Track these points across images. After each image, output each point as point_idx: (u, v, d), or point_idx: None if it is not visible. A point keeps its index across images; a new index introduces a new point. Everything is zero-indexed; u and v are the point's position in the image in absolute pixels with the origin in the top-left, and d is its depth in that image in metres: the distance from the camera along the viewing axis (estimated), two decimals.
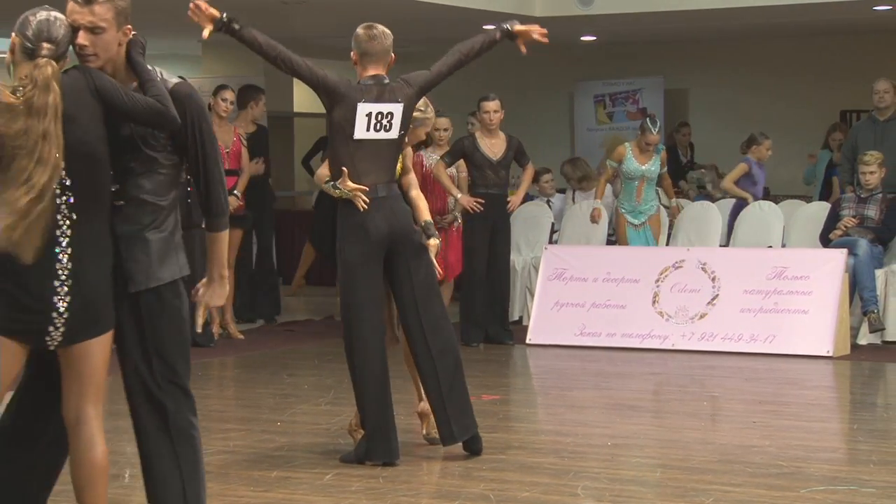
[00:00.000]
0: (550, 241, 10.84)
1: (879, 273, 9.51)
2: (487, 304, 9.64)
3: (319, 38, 14.81)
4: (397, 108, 5.63)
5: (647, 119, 10.32)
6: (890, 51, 13.98)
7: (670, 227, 10.73)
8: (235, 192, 9.62)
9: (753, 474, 5.49)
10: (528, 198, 12.11)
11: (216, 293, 4.14)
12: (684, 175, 13.45)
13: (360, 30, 5.78)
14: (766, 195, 12.70)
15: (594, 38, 14.47)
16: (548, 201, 11.61)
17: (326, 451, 5.92)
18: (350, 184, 5.57)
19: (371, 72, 5.70)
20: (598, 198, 10.79)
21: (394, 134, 5.63)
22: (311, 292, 12.70)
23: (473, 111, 10.21)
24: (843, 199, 9.95)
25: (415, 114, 5.85)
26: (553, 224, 11.14)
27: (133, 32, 3.92)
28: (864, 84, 10.79)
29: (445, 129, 9.61)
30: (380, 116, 5.58)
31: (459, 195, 9.36)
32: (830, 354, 8.80)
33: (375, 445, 5.61)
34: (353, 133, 5.55)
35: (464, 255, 9.60)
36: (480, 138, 9.43)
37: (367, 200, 5.56)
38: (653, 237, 10.19)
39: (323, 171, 5.97)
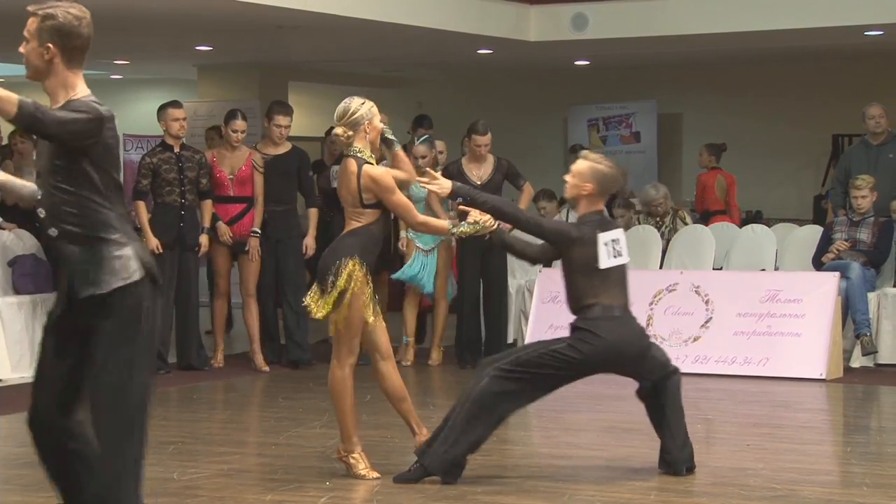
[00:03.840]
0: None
1: (872, 296, 9.55)
2: (486, 327, 9.65)
3: (313, 63, 14.88)
4: (621, 234, 5.84)
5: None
6: (881, 75, 14.06)
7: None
8: (255, 230, 9.28)
9: (748, 497, 5.50)
10: None
11: None
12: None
13: (607, 168, 5.85)
14: (759, 219, 12.78)
15: (588, 62, 14.55)
16: None
17: (321, 473, 5.93)
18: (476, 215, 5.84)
19: (600, 206, 5.90)
20: None
21: (626, 258, 5.82)
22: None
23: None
24: (835, 222, 10.00)
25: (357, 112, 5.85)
26: None
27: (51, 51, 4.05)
28: (856, 108, 10.86)
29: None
30: (614, 244, 5.78)
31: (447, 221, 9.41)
32: (823, 377, 8.82)
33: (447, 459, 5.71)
34: (598, 264, 5.73)
35: (458, 279, 9.64)
36: (466, 164, 9.48)
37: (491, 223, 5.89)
38: (436, 264, 9.60)
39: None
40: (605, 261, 5.72)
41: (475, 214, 5.91)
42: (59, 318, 4.17)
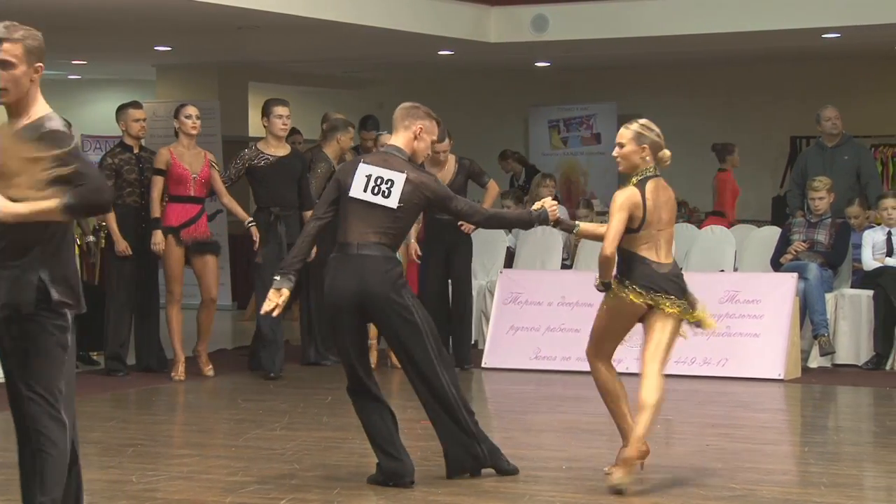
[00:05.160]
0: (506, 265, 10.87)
1: (829, 297, 9.63)
2: (451, 328, 9.61)
3: (273, 63, 14.84)
4: (398, 177, 5.67)
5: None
6: (839, 78, 14.19)
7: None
8: (251, 219, 9.03)
9: (706, 497, 5.53)
10: None
11: None
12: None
13: None
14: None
15: (548, 63, 14.58)
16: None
17: (281, 475, 5.91)
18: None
19: (391, 140, 5.89)
20: None
21: (392, 202, 5.66)
22: None
23: None
24: (793, 223, 10.08)
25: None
26: (508, 248, 11.18)
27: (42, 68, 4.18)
28: (814, 110, 10.93)
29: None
30: (379, 181, 5.67)
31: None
32: (782, 377, 8.89)
33: (388, 468, 5.68)
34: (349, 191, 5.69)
35: (418, 280, 9.62)
36: (428, 167, 9.42)
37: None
38: None
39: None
40: (356, 191, 5.65)
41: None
42: None
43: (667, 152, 5.87)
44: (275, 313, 5.71)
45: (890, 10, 10.95)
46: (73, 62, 14.72)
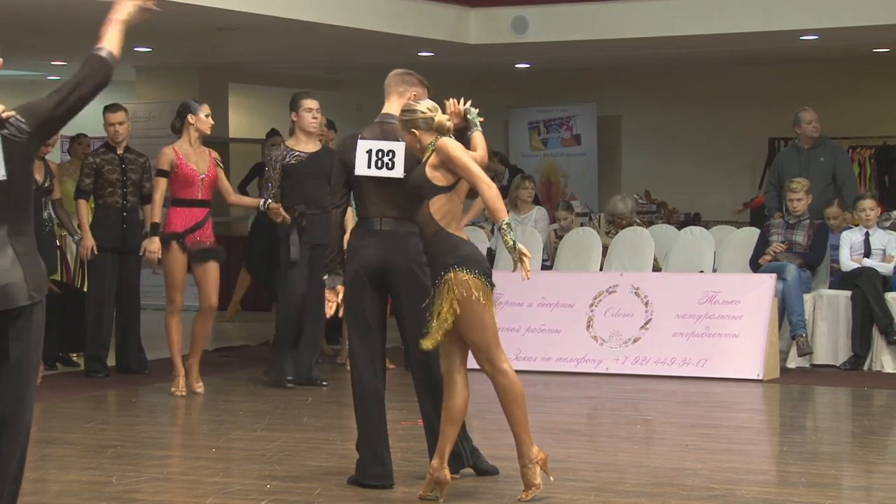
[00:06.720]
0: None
1: (808, 297, 9.68)
2: None
3: (254, 64, 14.82)
4: (399, 147, 5.64)
5: None
6: (816, 79, 14.26)
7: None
8: (268, 201, 8.52)
9: (686, 497, 5.56)
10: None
11: None
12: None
13: None
14: (697, 221, 12.90)
15: (528, 65, 14.61)
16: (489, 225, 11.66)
17: (261, 477, 5.91)
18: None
19: (384, 108, 5.81)
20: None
21: (397, 172, 5.62)
22: (247, 318, 12.65)
23: None
24: (771, 224, 10.12)
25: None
26: (489, 249, 11.19)
27: None
28: (792, 112, 10.98)
29: None
30: (380, 154, 5.64)
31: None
32: (760, 378, 8.93)
33: (369, 469, 5.65)
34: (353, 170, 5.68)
35: None
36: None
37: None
38: None
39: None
40: (361, 168, 5.63)
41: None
42: None
43: (439, 118, 5.53)
44: (340, 313, 5.76)
45: (867, 11, 11.02)
46: (53, 63, 14.67)
